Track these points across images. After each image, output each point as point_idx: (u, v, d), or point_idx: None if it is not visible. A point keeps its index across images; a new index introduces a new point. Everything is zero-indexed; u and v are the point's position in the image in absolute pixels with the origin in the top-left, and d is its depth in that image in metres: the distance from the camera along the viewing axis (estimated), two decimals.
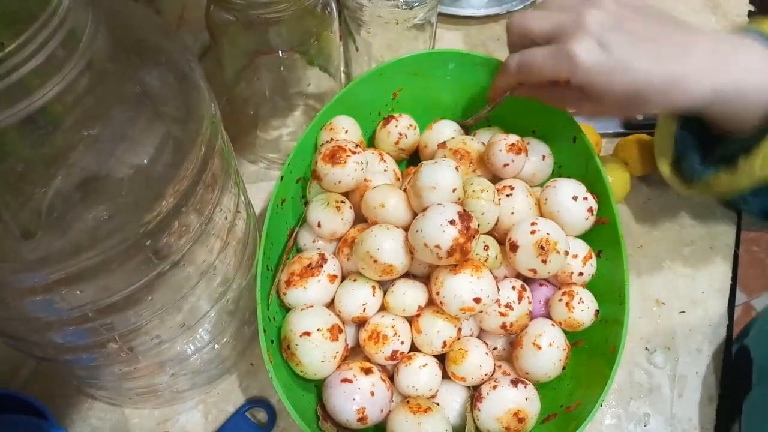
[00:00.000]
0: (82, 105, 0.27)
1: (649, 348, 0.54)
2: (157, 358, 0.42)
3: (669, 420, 0.51)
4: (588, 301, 0.46)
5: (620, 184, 0.59)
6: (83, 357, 0.39)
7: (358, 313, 0.45)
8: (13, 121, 0.25)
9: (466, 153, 0.51)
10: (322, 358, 0.42)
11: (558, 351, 0.44)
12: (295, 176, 0.50)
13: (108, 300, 0.33)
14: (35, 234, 0.27)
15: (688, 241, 0.60)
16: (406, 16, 0.55)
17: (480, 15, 0.75)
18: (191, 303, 0.40)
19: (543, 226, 0.45)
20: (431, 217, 0.41)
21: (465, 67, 0.55)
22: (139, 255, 0.31)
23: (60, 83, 0.25)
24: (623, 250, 0.46)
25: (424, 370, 0.44)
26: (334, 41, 0.56)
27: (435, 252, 0.41)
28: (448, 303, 0.43)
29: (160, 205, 0.30)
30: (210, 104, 0.34)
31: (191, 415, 0.50)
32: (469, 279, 0.42)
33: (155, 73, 0.32)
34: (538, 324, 0.46)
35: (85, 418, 0.50)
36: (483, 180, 0.47)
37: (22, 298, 0.30)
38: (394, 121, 0.55)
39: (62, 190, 0.27)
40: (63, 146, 0.27)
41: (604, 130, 0.66)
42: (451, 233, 0.40)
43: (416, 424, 0.41)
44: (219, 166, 0.36)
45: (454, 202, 0.43)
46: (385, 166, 0.53)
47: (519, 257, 0.45)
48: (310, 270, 0.45)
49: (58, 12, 0.25)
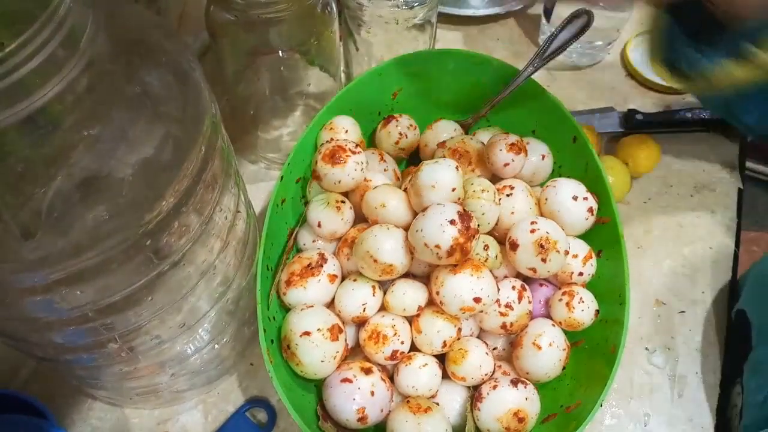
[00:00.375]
0: (82, 105, 0.27)
1: (649, 348, 0.54)
2: (157, 358, 0.42)
3: (669, 420, 0.50)
4: (588, 301, 0.46)
5: (620, 184, 0.59)
6: (83, 357, 0.39)
7: (358, 313, 0.45)
8: (14, 121, 0.25)
9: (465, 152, 0.51)
10: (322, 357, 0.42)
11: (558, 351, 0.44)
12: (295, 176, 0.50)
13: (108, 300, 0.33)
14: (35, 234, 0.27)
15: (688, 241, 0.60)
16: (406, 16, 0.55)
17: (480, 15, 0.75)
18: (191, 303, 0.40)
19: (543, 225, 0.45)
20: (431, 217, 0.41)
21: (465, 67, 0.55)
22: (139, 255, 0.31)
23: (60, 83, 0.25)
24: (623, 250, 0.46)
25: (424, 370, 0.44)
26: (335, 41, 0.56)
27: (435, 252, 0.41)
28: (448, 303, 0.43)
29: (160, 205, 0.30)
30: (210, 104, 0.34)
31: (191, 415, 0.50)
32: (469, 279, 0.42)
33: (155, 73, 0.32)
34: (538, 324, 0.46)
35: (85, 418, 0.50)
36: (483, 180, 0.47)
37: (22, 298, 0.30)
38: (395, 122, 0.55)
39: (62, 190, 0.27)
40: (63, 146, 0.27)
41: (604, 130, 0.66)
42: (451, 233, 0.40)
43: (416, 424, 0.41)
44: (219, 166, 0.36)
45: (454, 202, 0.43)
46: (385, 166, 0.53)
47: (519, 256, 0.45)
48: (310, 270, 0.45)
49: (58, 12, 0.25)
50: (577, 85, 0.71)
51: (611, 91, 0.71)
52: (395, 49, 0.58)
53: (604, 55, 0.73)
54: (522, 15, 0.78)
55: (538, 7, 0.75)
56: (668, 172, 0.64)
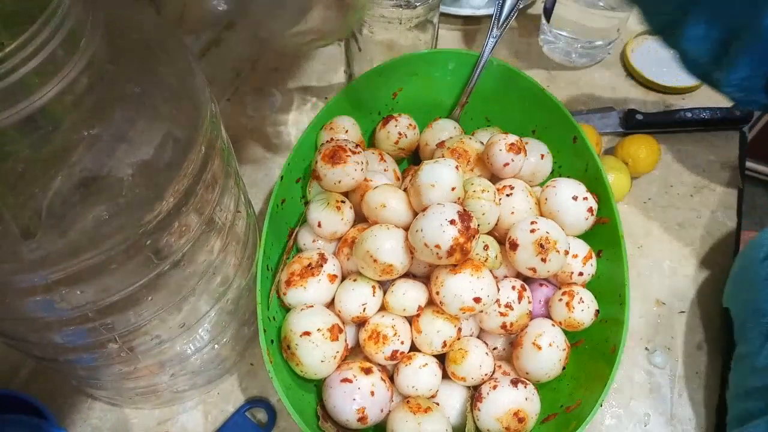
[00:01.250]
0: (82, 105, 0.27)
1: (649, 348, 0.54)
2: (157, 358, 0.42)
3: (669, 420, 0.50)
4: (588, 301, 0.46)
5: (620, 184, 0.59)
6: (83, 357, 0.39)
7: (358, 313, 0.45)
8: (14, 121, 0.25)
9: (464, 152, 0.51)
10: (322, 358, 0.42)
11: (558, 351, 0.44)
12: (295, 176, 0.50)
13: (108, 300, 0.33)
14: (35, 234, 0.27)
15: (688, 241, 0.60)
16: (408, 16, 0.55)
17: (480, 15, 0.75)
18: (191, 303, 0.40)
19: (543, 225, 0.45)
20: (431, 217, 0.41)
21: (465, 67, 0.55)
22: (139, 255, 0.31)
23: (60, 83, 0.25)
24: (623, 250, 0.46)
25: (424, 370, 0.44)
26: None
27: (435, 252, 0.40)
28: (448, 303, 0.43)
29: (161, 205, 0.30)
30: (210, 104, 0.34)
31: (191, 415, 0.50)
32: (469, 279, 0.42)
33: (155, 74, 0.32)
34: (538, 324, 0.46)
35: (85, 418, 0.50)
36: (483, 180, 0.47)
37: (22, 298, 0.30)
38: (394, 121, 0.55)
39: (62, 191, 0.27)
40: (63, 146, 0.27)
41: (604, 130, 0.66)
42: (451, 233, 0.40)
43: (416, 424, 0.41)
44: (219, 166, 0.36)
45: (454, 202, 0.43)
46: (385, 165, 0.53)
47: (519, 256, 0.45)
48: (310, 270, 0.45)
49: (58, 12, 0.25)
50: (577, 85, 0.71)
51: (611, 91, 0.71)
52: (396, 48, 0.58)
53: (604, 55, 0.73)
54: (522, 15, 0.78)
55: (538, 7, 0.75)
56: (668, 172, 0.64)
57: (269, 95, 0.70)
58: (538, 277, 0.47)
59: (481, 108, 0.57)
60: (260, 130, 0.67)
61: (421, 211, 0.43)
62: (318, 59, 0.73)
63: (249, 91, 0.70)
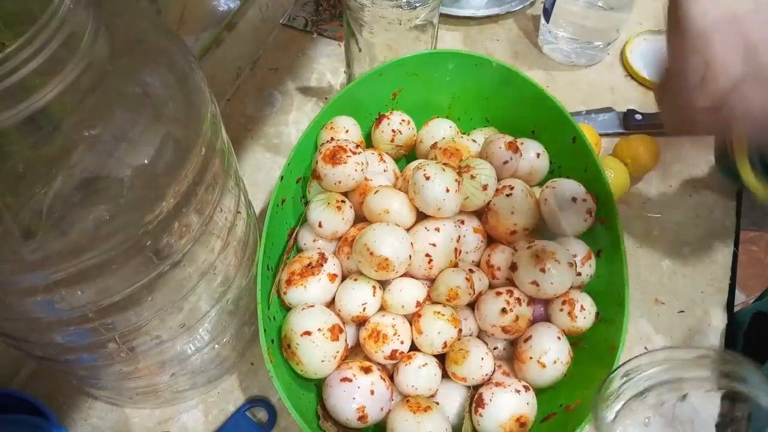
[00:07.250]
0: (83, 106, 0.27)
1: (649, 348, 0.54)
2: (158, 358, 0.42)
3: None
4: (588, 306, 0.46)
5: (620, 184, 0.59)
6: (84, 357, 0.39)
7: (358, 313, 0.45)
8: (14, 122, 0.25)
9: (456, 150, 0.51)
10: (322, 357, 0.42)
11: (562, 366, 0.44)
12: (295, 176, 0.50)
13: (108, 300, 0.33)
14: (36, 234, 0.27)
15: (688, 241, 0.60)
16: (408, 17, 0.55)
17: (480, 15, 0.75)
18: (191, 303, 0.40)
19: (539, 243, 0.46)
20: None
21: (465, 67, 0.55)
22: (139, 255, 0.32)
23: (61, 84, 0.25)
24: (623, 250, 0.46)
25: (423, 370, 0.44)
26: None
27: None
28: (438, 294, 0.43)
29: (161, 206, 0.30)
30: (210, 104, 0.34)
31: (192, 414, 0.50)
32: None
33: (156, 74, 0.32)
34: (542, 336, 0.45)
35: (86, 418, 0.50)
36: (485, 165, 0.48)
37: (22, 299, 0.30)
38: (386, 120, 0.55)
39: (63, 191, 0.27)
40: (64, 147, 0.27)
41: (604, 130, 0.66)
42: None
43: (416, 423, 0.41)
44: (219, 167, 0.36)
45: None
46: (384, 166, 0.53)
47: (519, 274, 0.45)
48: (311, 269, 0.46)
49: (59, 13, 0.25)
50: (577, 85, 0.72)
51: (611, 91, 0.71)
52: (396, 49, 0.58)
53: (604, 55, 0.73)
54: (522, 15, 0.78)
55: (538, 7, 0.75)
56: (667, 172, 0.64)
57: (269, 95, 0.70)
58: (542, 294, 0.45)
59: (481, 108, 0.57)
60: (260, 130, 0.67)
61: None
62: (318, 59, 0.73)
63: (249, 91, 0.70)
